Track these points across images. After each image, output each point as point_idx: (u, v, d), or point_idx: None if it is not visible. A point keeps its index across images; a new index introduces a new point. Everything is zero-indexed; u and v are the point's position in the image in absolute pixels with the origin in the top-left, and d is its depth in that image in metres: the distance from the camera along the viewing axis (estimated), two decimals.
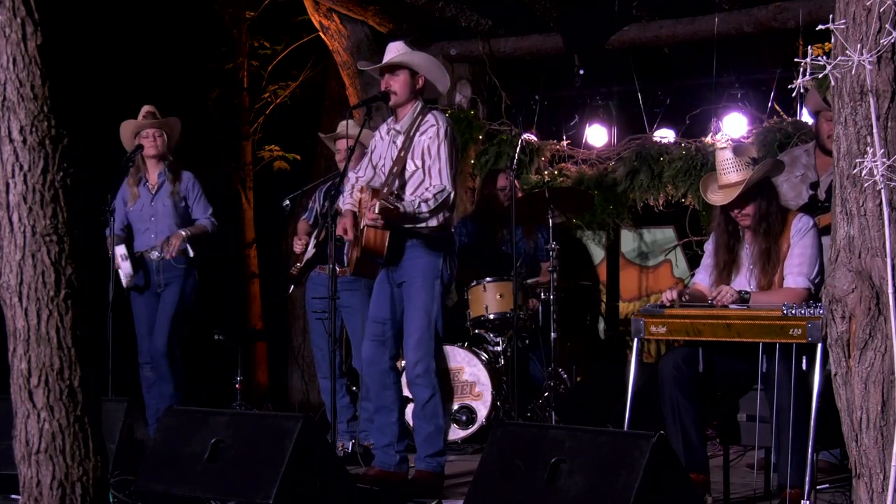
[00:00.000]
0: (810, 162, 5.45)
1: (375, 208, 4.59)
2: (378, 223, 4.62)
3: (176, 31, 9.04)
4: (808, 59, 2.99)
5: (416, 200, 4.70)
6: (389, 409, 4.88)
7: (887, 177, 2.93)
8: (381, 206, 4.59)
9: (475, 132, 7.64)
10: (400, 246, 4.77)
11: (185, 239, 5.93)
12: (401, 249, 4.78)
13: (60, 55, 3.37)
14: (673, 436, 4.33)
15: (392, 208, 4.62)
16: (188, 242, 5.94)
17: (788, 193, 5.48)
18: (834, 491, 4.40)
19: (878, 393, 3.00)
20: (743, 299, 4.28)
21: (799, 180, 5.47)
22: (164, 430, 4.38)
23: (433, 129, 4.78)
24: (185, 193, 6.05)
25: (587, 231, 7.59)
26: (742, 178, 4.43)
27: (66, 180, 3.36)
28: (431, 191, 4.72)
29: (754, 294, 4.36)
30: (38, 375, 3.33)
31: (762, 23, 6.81)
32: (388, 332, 4.86)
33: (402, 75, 4.85)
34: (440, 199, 4.71)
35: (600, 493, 3.42)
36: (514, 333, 6.21)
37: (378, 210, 4.58)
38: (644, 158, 7.16)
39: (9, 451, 3.44)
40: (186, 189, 6.05)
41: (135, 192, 6.03)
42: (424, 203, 4.69)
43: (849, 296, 3.03)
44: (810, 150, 5.52)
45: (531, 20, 7.42)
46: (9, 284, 3.34)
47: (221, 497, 4.01)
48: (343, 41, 7.73)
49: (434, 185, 4.73)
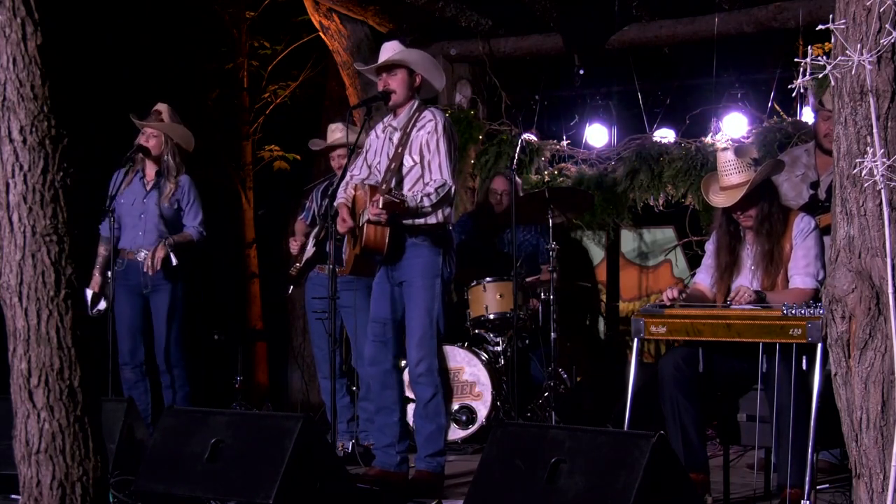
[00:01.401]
0: (811, 161, 5.45)
1: (379, 203, 4.56)
2: (382, 218, 4.59)
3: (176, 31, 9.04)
4: (808, 59, 2.99)
5: (417, 195, 4.68)
6: (390, 410, 4.88)
7: (887, 177, 2.93)
8: (384, 201, 4.56)
9: (475, 132, 7.65)
10: (399, 244, 4.76)
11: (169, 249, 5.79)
12: (400, 248, 4.77)
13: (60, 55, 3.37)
14: (673, 436, 4.33)
15: (397, 201, 4.60)
16: (172, 250, 5.79)
17: (789, 193, 5.48)
18: (834, 491, 4.40)
19: (878, 393, 3.00)
20: (760, 298, 4.26)
21: (799, 180, 5.47)
22: (164, 430, 4.38)
23: (431, 123, 4.78)
24: (180, 197, 5.94)
25: (587, 231, 7.59)
26: (744, 179, 4.43)
27: (66, 180, 3.36)
28: (432, 185, 4.70)
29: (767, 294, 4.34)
30: (38, 375, 3.33)
31: (762, 23, 6.81)
32: (390, 333, 4.86)
33: (400, 74, 4.85)
34: (441, 192, 4.69)
35: (600, 493, 3.42)
36: (514, 333, 6.21)
37: (382, 204, 4.55)
38: (644, 158, 7.16)
39: (9, 451, 3.44)
40: (181, 193, 5.93)
41: (129, 178, 5.94)
42: (426, 197, 4.67)
43: (849, 296, 3.04)
44: (810, 149, 5.53)
45: (531, 20, 7.42)
46: (9, 284, 3.34)
47: (221, 497, 4.01)
48: (343, 41, 7.73)
49: (434, 180, 4.72)
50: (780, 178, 5.52)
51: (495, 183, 6.87)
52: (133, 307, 5.91)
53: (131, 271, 5.89)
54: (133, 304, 5.91)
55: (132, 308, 5.91)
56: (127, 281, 5.89)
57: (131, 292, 5.91)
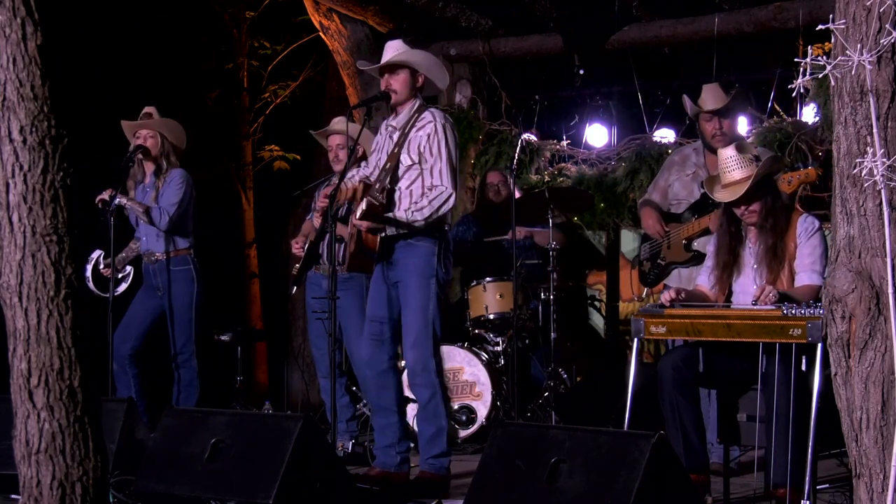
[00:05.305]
0: (700, 160, 5.45)
1: (363, 205, 4.58)
2: (363, 226, 4.66)
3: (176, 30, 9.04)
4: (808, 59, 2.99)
5: (410, 210, 4.69)
6: (389, 411, 4.87)
7: (887, 177, 2.93)
8: (367, 203, 4.58)
9: (475, 132, 7.65)
10: (393, 243, 4.77)
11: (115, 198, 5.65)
12: (394, 247, 4.78)
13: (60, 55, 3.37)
14: (673, 436, 4.33)
15: (377, 205, 4.62)
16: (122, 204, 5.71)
17: (681, 192, 5.50)
18: (834, 491, 4.40)
19: (878, 393, 3.00)
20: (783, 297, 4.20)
21: (690, 178, 5.48)
22: (164, 430, 4.38)
23: (430, 124, 4.78)
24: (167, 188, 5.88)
25: (587, 231, 7.60)
26: (747, 174, 4.43)
27: (66, 180, 3.36)
28: (428, 196, 4.70)
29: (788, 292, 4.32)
30: (38, 375, 3.32)
31: (762, 23, 6.81)
32: (386, 332, 4.85)
33: (403, 74, 4.85)
34: (437, 204, 4.69)
35: (600, 493, 3.42)
36: (514, 333, 6.21)
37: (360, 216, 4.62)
38: (644, 158, 7.17)
39: (9, 451, 3.43)
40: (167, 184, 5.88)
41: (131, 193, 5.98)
42: (419, 212, 4.68)
43: (849, 296, 3.04)
44: (699, 148, 5.51)
45: (531, 20, 7.42)
46: (9, 284, 3.34)
47: (221, 497, 4.01)
48: (343, 41, 7.73)
49: (435, 187, 4.72)
50: (672, 178, 5.56)
51: (490, 177, 7.04)
52: (144, 305, 5.98)
53: (147, 274, 5.99)
54: (145, 302, 5.98)
55: (142, 306, 5.98)
56: (146, 281, 6.00)
57: (148, 292, 5.98)
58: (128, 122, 6.00)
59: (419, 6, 7.20)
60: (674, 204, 5.54)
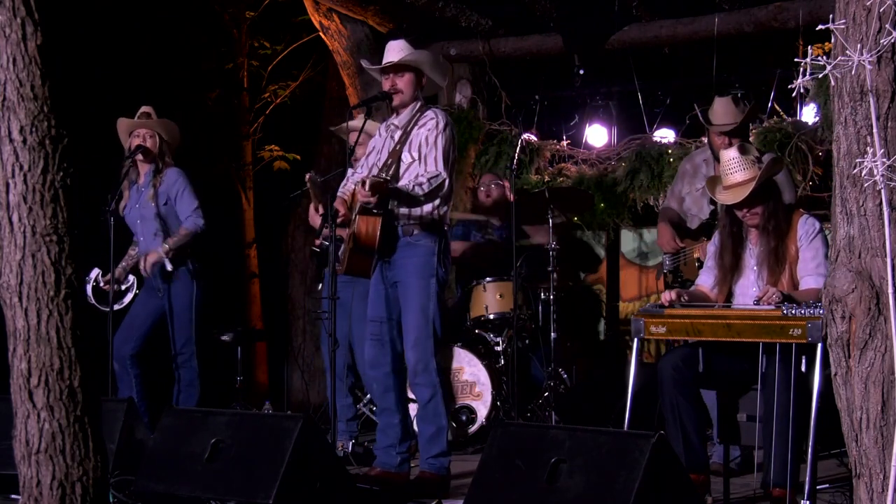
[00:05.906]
0: (710, 172, 5.33)
1: (366, 185, 4.51)
2: (371, 200, 4.56)
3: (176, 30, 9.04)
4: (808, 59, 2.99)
5: (409, 183, 4.68)
6: (392, 412, 4.87)
7: (887, 177, 2.93)
8: (371, 182, 4.51)
9: (475, 132, 7.65)
10: (393, 242, 4.76)
11: (164, 255, 5.76)
12: (394, 246, 4.77)
13: (60, 55, 3.37)
14: (673, 436, 4.33)
15: (382, 181, 4.57)
16: (167, 255, 5.76)
17: (692, 208, 5.47)
18: (834, 491, 4.40)
19: (878, 393, 3.00)
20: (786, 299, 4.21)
21: (700, 194, 5.44)
22: (164, 430, 4.38)
23: (432, 122, 4.79)
24: (168, 191, 5.87)
25: (587, 231, 7.60)
26: (750, 176, 4.41)
27: (66, 180, 3.36)
28: (425, 175, 4.70)
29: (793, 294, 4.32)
30: (38, 375, 3.33)
31: (762, 23, 6.81)
32: (387, 332, 4.84)
33: (409, 75, 4.85)
34: (434, 183, 4.68)
35: (600, 493, 3.42)
36: (514, 333, 6.21)
37: (369, 186, 4.50)
38: (644, 158, 7.16)
39: (9, 451, 3.44)
40: (169, 186, 5.86)
41: (125, 194, 5.97)
42: (419, 186, 4.66)
43: (849, 296, 3.04)
44: (709, 160, 5.43)
45: (531, 20, 7.42)
46: (9, 284, 3.34)
47: (221, 497, 4.01)
48: (343, 41, 7.73)
49: (429, 171, 4.72)
50: (684, 189, 5.53)
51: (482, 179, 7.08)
52: (145, 306, 5.96)
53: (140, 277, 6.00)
54: (146, 303, 5.97)
55: (143, 307, 5.97)
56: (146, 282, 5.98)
57: (149, 293, 5.96)
58: (125, 121, 5.98)
59: (419, 6, 7.20)
60: (687, 218, 5.55)
